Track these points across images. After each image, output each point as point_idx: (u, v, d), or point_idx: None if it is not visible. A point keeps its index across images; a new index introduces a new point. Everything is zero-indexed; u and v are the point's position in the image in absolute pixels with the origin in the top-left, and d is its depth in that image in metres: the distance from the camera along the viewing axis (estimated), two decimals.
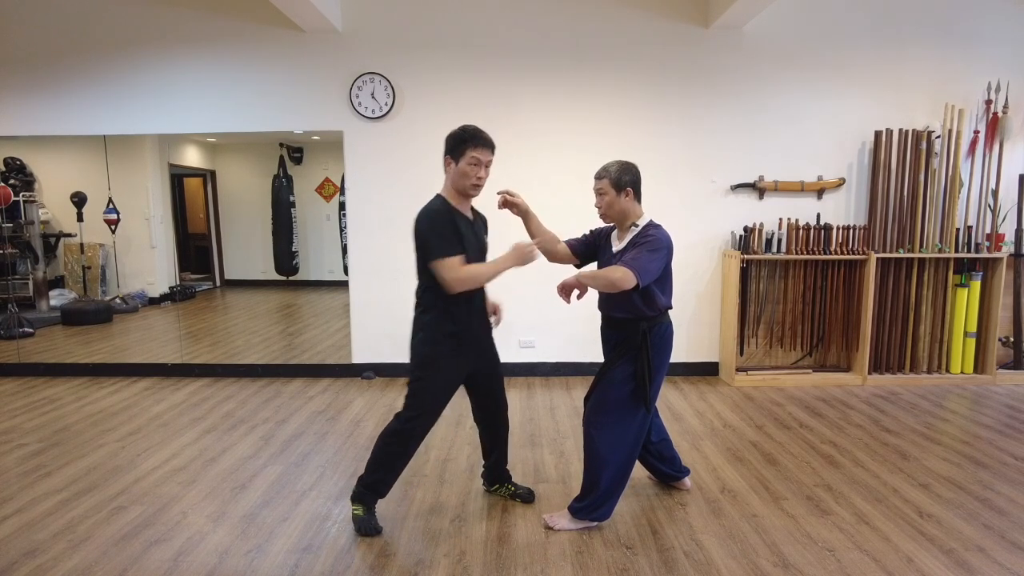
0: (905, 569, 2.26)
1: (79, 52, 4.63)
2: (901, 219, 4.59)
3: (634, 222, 2.49)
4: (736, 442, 3.49)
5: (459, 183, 2.38)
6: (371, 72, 4.50)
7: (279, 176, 5.60)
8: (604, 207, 2.50)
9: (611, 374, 2.50)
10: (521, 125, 4.55)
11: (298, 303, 6.31)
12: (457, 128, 2.39)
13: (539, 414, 3.95)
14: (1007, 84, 4.55)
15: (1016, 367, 4.68)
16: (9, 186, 5.24)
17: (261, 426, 3.74)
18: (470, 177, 2.35)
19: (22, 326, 5.30)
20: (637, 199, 2.50)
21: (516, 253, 2.35)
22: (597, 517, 2.55)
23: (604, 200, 2.48)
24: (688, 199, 4.63)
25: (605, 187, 2.46)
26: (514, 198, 2.58)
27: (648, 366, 2.44)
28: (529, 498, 2.77)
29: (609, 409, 2.49)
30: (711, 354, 4.83)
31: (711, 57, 4.51)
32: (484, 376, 2.62)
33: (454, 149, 2.36)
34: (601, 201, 2.49)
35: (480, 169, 2.36)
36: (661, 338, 2.49)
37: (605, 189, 2.47)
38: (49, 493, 2.87)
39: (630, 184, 2.46)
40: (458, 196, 2.43)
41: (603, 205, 2.50)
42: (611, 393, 2.49)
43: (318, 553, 2.38)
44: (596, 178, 2.50)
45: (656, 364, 2.47)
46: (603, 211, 2.52)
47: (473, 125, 2.40)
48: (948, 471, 3.09)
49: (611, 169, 2.47)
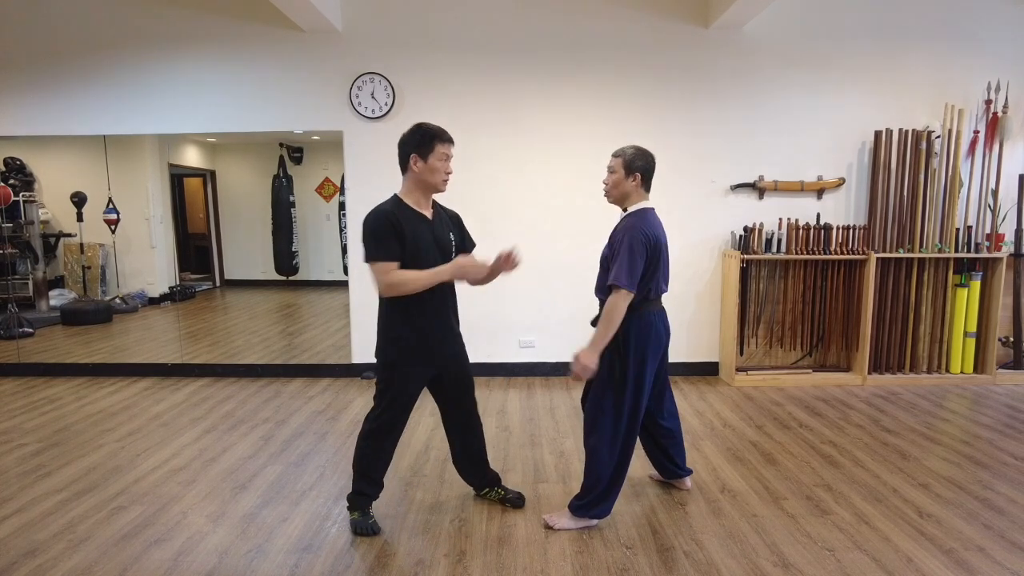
0: (905, 569, 2.26)
1: (79, 52, 4.63)
2: (901, 219, 4.59)
3: (628, 207, 2.53)
4: (736, 442, 3.49)
5: (429, 179, 2.36)
6: (371, 72, 4.50)
7: (279, 176, 5.60)
8: (610, 184, 2.54)
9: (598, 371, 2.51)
10: (521, 125, 4.55)
11: (298, 303, 6.31)
12: (414, 126, 2.39)
13: (539, 414, 3.96)
14: (1007, 84, 4.56)
15: (1016, 367, 4.68)
16: (9, 186, 5.24)
17: (261, 426, 3.74)
18: (440, 172, 2.35)
19: (22, 326, 5.30)
20: (645, 187, 2.53)
21: (453, 267, 2.33)
22: (596, 514, 2.55)
23: (612, 178, 2.53)
24: (688, 199, 4.63)
25: (617, 166, 2.51)
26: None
27: (620, 352, 2.44)
28: (519, 503, 2.73)
29: (601, 405, 2.51)
30: (711, 354, 4.83)
31: (711, 57, 4.51)
32: (451, 381, 2.54)
33: (421, 146, 2.34)
34: (609, 178, 2.55)
35: (448, 164, 2.38)
36: (636, 326, 2.46)
37: (616, 167, 2.51)
38: (49, 493, 2.87)
39: (640, 170, 2.49)
40: (420, 194, 2.40)
41: (610, 182, 2.55)
42: (599, 388, 2.52)
43: (318, 553, 2.38)
44: (612, 155, 2.55)
45: (633, 346, 2.44)
46: (608, 188, 2.56)
47: (429, 122, 2.40)
48: (948, 471, 3.09)
49: (627, 151, 2.51)
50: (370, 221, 2.31)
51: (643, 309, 2.48)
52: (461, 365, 2.58)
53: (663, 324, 2.58)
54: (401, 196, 2.41)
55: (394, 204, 2.37)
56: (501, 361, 4.72)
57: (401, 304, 2.37)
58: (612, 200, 2.59)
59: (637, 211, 2.50)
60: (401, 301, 2.35)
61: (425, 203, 2.43)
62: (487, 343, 4.68)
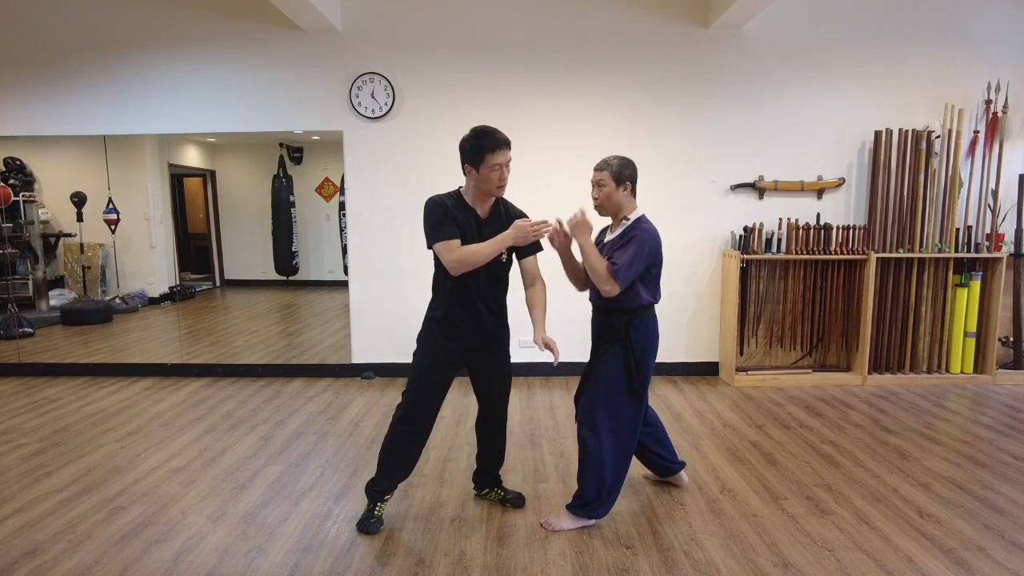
0: (905, 569, 2.26)
1: (79, 52, 4.63)
2: (901, 219, 4.59)
3: (626, 216, 2.53)
4: (736, 442, 3.49)
5: (483, 187, 2.38)
6: (371, 72, 4.50)
7: (279, 176, 5.60)
8: (602, 199, 2.52)
9: (599, 369, 2.54)
10: (521, 125, 4.55)
11: (298, 303, 6.31)
12: (469, 133, 2.37)
13: (539, 414, 3.95)
14: (1007, 84, 4.55)
15: (1016, 367, 4.68)
16: (9, 186, 5.24)
17: (261, 426, 3.73)
18: (493, 181, 2.36)
19: (22, 326, 5.30)
20: (633, 194, 2.54)
21: (515, 231, 2.34)
22: (596, 515, 2.55)
23: (603, 192, 2.51)
24: (688, 199, 4.63)
25: (605, 179, 2.49)
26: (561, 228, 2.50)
27: (630, 356, 2.46)
28: (519, 503, 2.74)
29: (601, 406, 2.50)
30: (711, 354, 4.83)
31: (711, 57, 4.51)
32: (488, 379, 2.63)
33: (472, 157, 2.34)
34: (599, 193, 2.52)
35: (502, 171, 2.36)
36: (644, 330, 2.49)
37: (605, 181, 2.49)
38: (49, 493, 2.87)
39: (629, 179, 2.50)
40: (477, 195, 2.43)
41: (601, 197, 2.52)
42: (601, 389, 2.52)
43: (318, 553, 2.38)
44: (596, 170, 2.52)
45: (639, 355, 2.47)
46: (600, 202, 2.54)
47: (485, 127, 2.37)
48: (948, 471, 3.09)
49: (612, 162, 2.49)
50: (428, 208, 2.40)
51: (650, 314, 2.53)
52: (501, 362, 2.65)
53: None
54: (462, 191, 2.47)
55: (451, 196, 2.45)
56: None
57: (441, 288, 2.46)
58: (605, 213, 2.58)
59: (641, 219, 2.51)
60: (443, 285, 2.45)
61: (481, 202, 2.45)
62: None
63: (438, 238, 2.36)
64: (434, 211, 2.38)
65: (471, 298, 2.46)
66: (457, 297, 2.45)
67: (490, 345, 2.60)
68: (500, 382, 2.67)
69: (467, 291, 2.45)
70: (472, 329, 2.51)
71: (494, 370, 2.64)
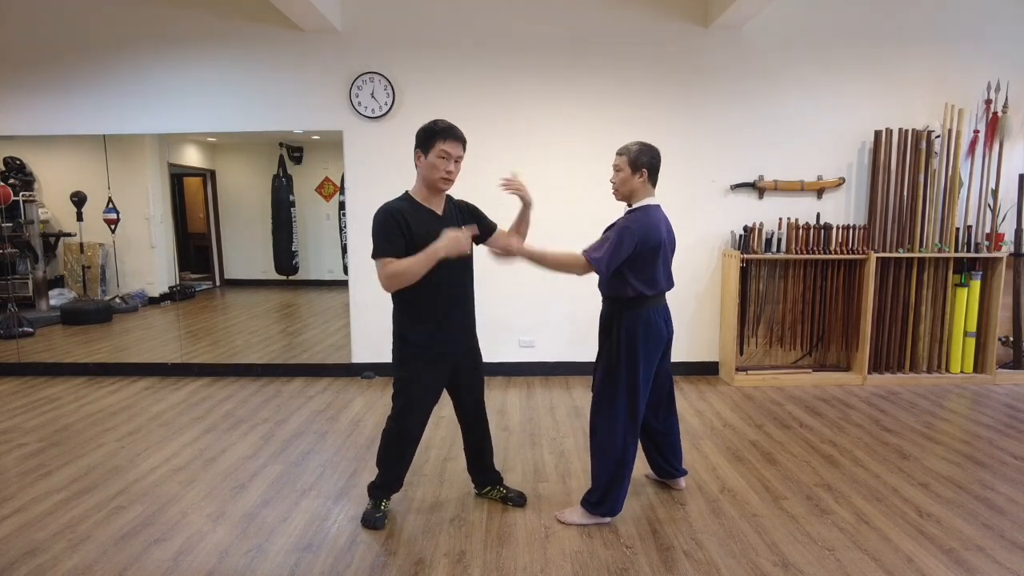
0: (905, 568, 2.26)
1: (79, 52, 4.63)
2: (901, 219, 4.59)
3: (636, 203, 2.53)
4: (736, 441, 3.49)
5: (428, 176, 2.36)
6: (371, 72, 4.50)
7: (279, 176, 5.60)
8: (617, 183, 2.55)
9: (598, 362, 2.61)
10: (520, 124, 4.56)
11: (298, 303, 6.31)
12: (428, 122, 2.38)
13: (539, 414, 3.95)
14: (1007, 84, 4.55)
15: (1016, 367, 4.68)
16: (9, 186, 5.24)
17: (261, 426, 3.73)
18: (439, 170, 2.33)
19: (22, 325, 5.30)
20: (651, 182, 2.53)
21: (449, 242, 2.23)
22: (607, 512, 2.55)
23: (619, 176, 2.53)
24: (688, 199, 4.63)
25: (622, 164, 2.52)
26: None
27: (616, 348, 2.46)
28: (520, 501, 2.74)
29: (601, 399, 2.55)
30: (711, 354, 4.83)
31: (711, 57, 4.51)
32: (465, 375, 2.58)
33: (424, 142, 2.35)
34: (616, 177, 2.55)
35: (449, 163, 2.34)
36: (633, 322, 2.47)
37: (622, 165, 2.52)
38: (49, 493, 2.87)
39: (646, 166, 2.49)
40: (428, 191, 2.41)
41: (617, 181, 2.55)
42: (598, 382, 2.59)
43: (318, 553, 2.38)
44: (617, 154, 2.55)
45: (626, 347, 2.46)
46: (616, 186, 2.56)
47: (444, 119, 2.39)
48: (948, 471, 3.09)
49: (632, 148, 2.51)
50: (377, 218, 2.32)
51: (642, 306, 2.49)
52: (472, 362, 2.61)
53: (664, 319, 2.58)
54: (412, 192, 2.43)
55: (403, 200, 2.39)
56: (501, 361, 4.72)
57: (411, 305, 2.39)
58: (620, 198, 2.60)
59: (640, 207, 2.50)
60: (410, 302, 2.38)
61: (434, 199, 2.42)
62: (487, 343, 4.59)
63: (377, 252, 2.27)
64: (382, 221, 2.29)
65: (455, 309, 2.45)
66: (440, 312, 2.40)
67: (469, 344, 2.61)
68: (480, 372, 2.69)
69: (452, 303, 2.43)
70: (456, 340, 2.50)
71: (473, 367, 2.63)
